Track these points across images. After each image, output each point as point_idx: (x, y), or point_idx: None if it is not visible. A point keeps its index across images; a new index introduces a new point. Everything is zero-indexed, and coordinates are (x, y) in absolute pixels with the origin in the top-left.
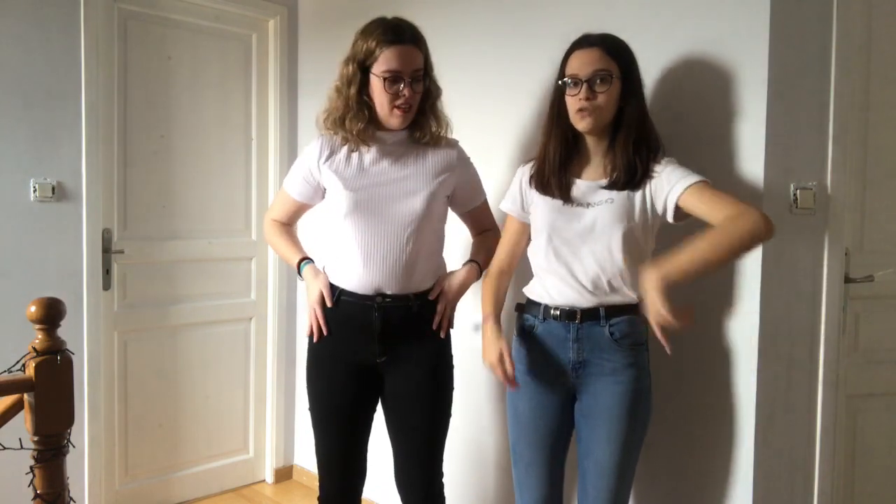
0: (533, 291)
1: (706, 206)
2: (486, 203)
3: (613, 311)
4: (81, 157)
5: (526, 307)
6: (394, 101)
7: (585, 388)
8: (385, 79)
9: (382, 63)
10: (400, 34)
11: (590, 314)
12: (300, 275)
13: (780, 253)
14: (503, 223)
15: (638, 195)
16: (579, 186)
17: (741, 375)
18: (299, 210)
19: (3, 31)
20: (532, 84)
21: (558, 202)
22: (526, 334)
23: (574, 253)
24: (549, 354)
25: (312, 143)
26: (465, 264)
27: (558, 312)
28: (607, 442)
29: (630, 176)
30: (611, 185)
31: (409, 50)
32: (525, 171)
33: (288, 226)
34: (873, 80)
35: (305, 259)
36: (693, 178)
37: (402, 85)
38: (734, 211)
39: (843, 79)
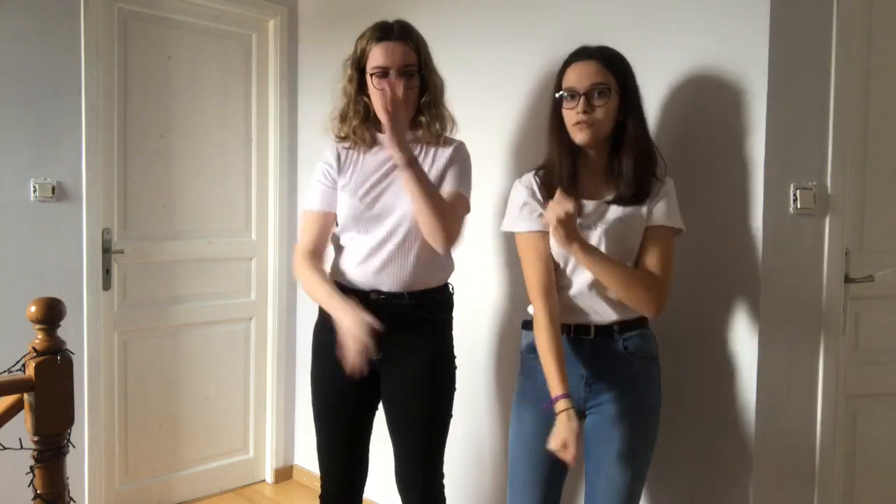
0: None
1: (647, 250)
2: (459, 196)
3: (626, 325)
4: (81, 157)
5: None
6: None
7: (596, 402)
8: (373, 74)
9: (372, 60)
10: (388, 31)
11: (604, 329)
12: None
13: (780, 253)
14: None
15: (644, 210)
16: (587, 205)
17: (741, 375)
18: (325, 224)
19: (3, 31)
20: (527, 84)
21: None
22: (534, 352)
23: (585, 272)
24: None
25: (324, 152)
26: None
27: (572, 328)
28: (618, 457)
29: (636, 191)
30: (617, 201)
31: (396, 46)
32: (531, 182)
33: (319, 261)
34: (873, 80)
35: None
36: (668, 220)
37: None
38: (655, 279)
39: (843, 79)
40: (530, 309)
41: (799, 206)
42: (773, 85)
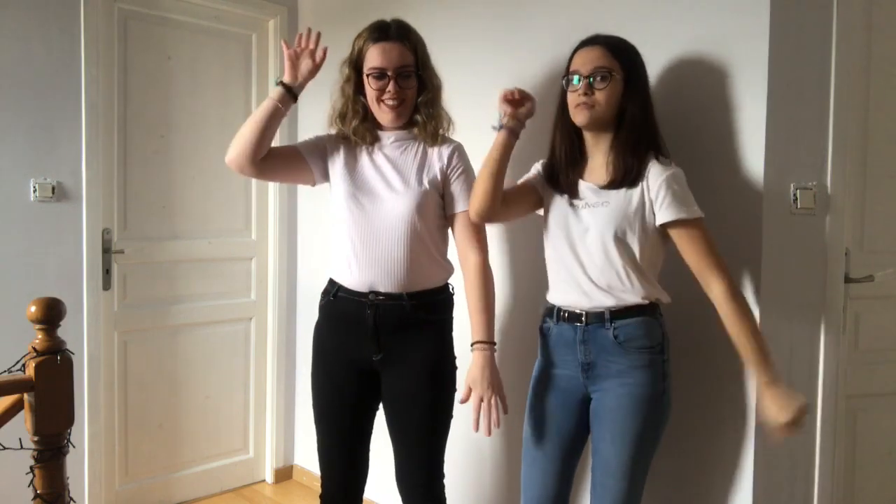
0: (549, 294)
1: (687, 252)
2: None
3: (619, 313)
4: (81, 157)
5: (546, 310)
6: (381, 97)
7: (595, 389)
8: (369, 75)
9: (368, 60)
10: (385, 31)
11: (595, 316)
12: (282, 85)
13: (781, 253)
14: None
15: (635, 193)
16: (583, 189)
17: (741, 375)
18: (292, 157)
19: (3, 31)
20: (525, 85)
21: (565, 204)
22: (544, 336)
23: (576, 255)
24: (564, 356)
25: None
26: (472, 350)
27: (566, 315)
28: (612, 442)
29: (624, 174)
30: (608, 186)
31: (393, 46)
32: (539, 163)
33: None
34: (873, 80)
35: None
36: (684, 213)
37: (387, 81)
38: (724, 283)
39: (843, 79)
40: (549, 297)
41: (799, 206)
42: (772, 85)
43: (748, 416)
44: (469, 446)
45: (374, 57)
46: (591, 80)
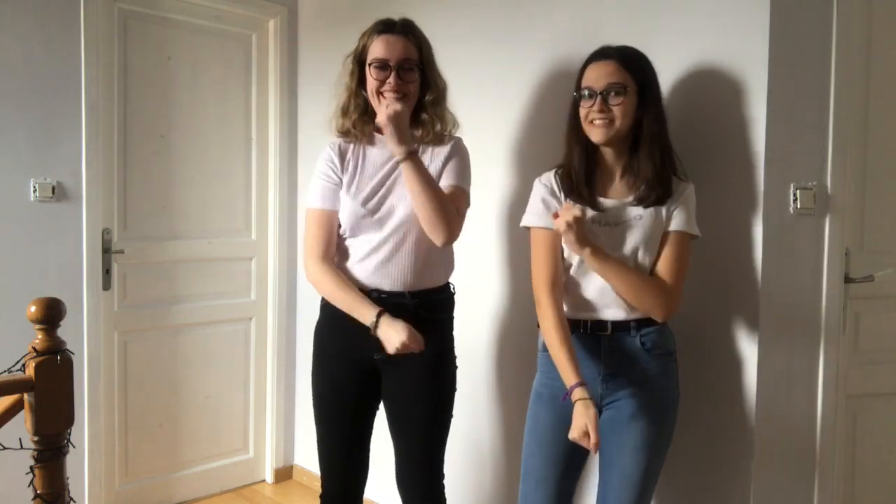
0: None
1: (663, 257)
2: (458, 190)
3: (644, 322)
4: (81, 157)
5: None
6: (381, 89)
7: (614, 398)
8: (371, 65)
9: (372, 52)
10: (390, 25)
11: (621, 325)
12: (376, 330)
13: (780, 253)
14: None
15: (664, 210)
16: (606, 205)
17: (741, 375)
18: (332, 223)
19: (3, 31)
20: (530, 85)
21: (587, 220)
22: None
23: None
24: (580, 367)
25: (325, 150)
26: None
27: (588, 325)
28: (633, 451)
29: (658, 190)
30: (639, 201)
31: (397, 39)
32: (550, 181)
33: (333, 264)
34: (873, 79)
35: (380, 312)
36: (684, 226)
37: (388, 72)
38: (664, 286)
39: (842, 78)
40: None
41: (799, 206)
42: (773, 85)
43: (748, 417)
44: (469, 446)
45: (377, 48)
46: (606, 95)
